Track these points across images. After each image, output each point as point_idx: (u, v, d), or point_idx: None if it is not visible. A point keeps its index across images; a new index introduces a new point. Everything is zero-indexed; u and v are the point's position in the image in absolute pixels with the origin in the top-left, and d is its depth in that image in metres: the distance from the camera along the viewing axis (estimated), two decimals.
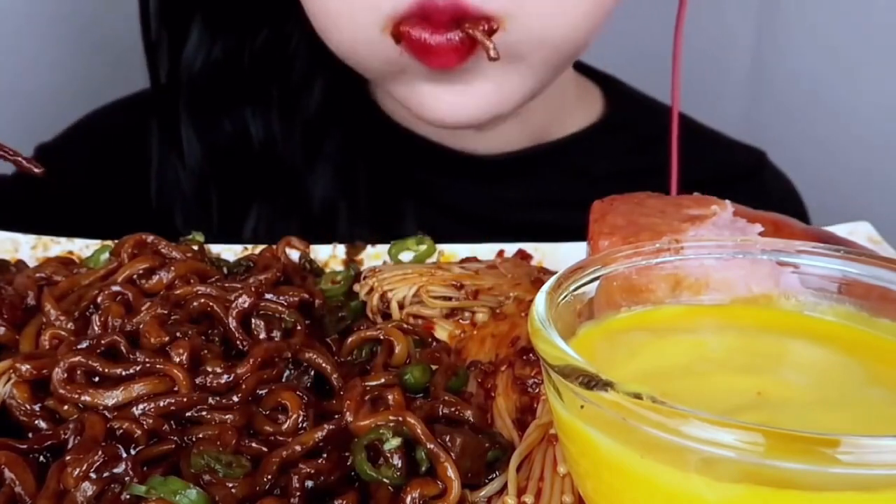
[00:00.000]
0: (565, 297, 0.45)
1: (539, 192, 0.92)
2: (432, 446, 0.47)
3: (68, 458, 0.46)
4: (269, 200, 0.89)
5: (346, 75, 0.84)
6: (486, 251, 0.71)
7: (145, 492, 0.44)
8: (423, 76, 0.74)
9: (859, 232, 0.70)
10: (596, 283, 0.47)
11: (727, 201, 0.56)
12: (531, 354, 0.55)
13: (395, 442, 0.47)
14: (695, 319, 0.49)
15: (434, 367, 0.56)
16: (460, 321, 0.62)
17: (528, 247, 0.71)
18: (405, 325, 0.60)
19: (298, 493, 0.46)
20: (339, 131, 0.90)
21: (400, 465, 0.46)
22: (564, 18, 0.73)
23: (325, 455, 0.48)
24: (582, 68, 0.99)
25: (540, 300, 0.43)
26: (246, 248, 0.71)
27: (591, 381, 0.37)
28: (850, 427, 0.39)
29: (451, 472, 0.46)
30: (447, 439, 0.47)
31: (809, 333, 0.48)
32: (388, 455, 0.47)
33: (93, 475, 0.45)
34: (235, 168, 0.90)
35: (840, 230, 0.68)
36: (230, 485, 0.45)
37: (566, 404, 0.40)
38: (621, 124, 0.97)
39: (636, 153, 0.95)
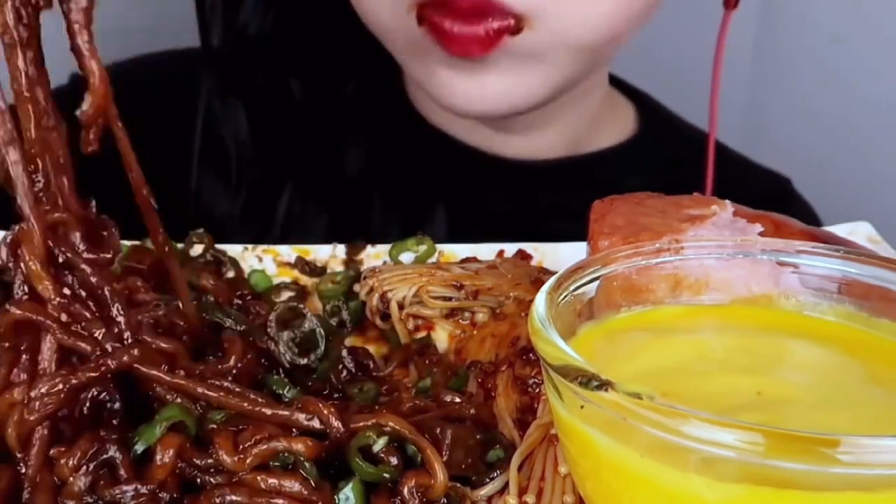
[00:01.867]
0: (565, 297, 0.45)
1: (567, 203, 0.92)
2: (422, 441, 0.48)
3: (58, 450, 0.46)
4: (304, 178, 0.90)
5: (383, 66, 0.86)
6: (486, 251, 0.71)
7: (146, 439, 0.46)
8: (444, 61, 0.75)
9: (859, 232, 0.70)
10: (596, 283, 0.47)
11: (727, 201, 0.56)
12: (531, 354, 0.55)
13: (382, 442, 0.47)
14: (695, 319, 0.49)
15: (434, 369, 0.56)
16: (460, 321, 0.62)
17: (528, 247, 0.71)
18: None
19: None
20: (373, 119, 0.91)
21: (395, 462, 0.47)
22: (588, 22, 0.73)
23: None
24: (616, 83, 0.99)
25: (540, 300, 0.43)
26: (246, 248, 0.71)
27: (591, 381, 0.37)
28: (850, 427, 0.39)
29: (435, 461, 0.47)
30: (438, 432, 0.48)
31: (809, 333, 0.48)
32: (382, 454, 0.47)
33: (85, 464, 0.45)
34: (275, 138, 0.91)
35: (840, 230, 0.68)
36: None
37: (566, 404, 0.40)
38: (653, 143, 0.97)
39: (666, 172, 0.94)
